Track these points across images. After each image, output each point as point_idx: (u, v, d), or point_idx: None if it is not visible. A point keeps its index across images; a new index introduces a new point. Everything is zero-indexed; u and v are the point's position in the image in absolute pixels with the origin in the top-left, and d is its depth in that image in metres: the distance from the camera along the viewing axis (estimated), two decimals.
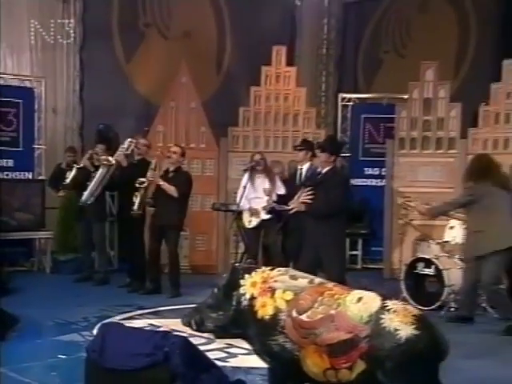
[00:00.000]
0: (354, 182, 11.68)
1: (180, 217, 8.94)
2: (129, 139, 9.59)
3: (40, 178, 10.68)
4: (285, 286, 4.07)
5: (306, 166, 8.81)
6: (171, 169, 8.91)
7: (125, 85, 12.25)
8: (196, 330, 4.47)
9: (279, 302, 4.01)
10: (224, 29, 13.39)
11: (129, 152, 9.45)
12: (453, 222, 8.64)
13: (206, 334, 5.39)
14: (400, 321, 3.55)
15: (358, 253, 11.63)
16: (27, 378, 5.69)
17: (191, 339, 4.95)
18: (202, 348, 5.56)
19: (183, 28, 12.86)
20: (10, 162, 10.61)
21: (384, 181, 11.03)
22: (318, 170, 7.33)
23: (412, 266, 8.54)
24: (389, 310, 3.64)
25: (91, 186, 9.38)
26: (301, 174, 9.05)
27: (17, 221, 10.34)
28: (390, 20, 13.83)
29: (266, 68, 10.96)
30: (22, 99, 10.76)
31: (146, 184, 8.77)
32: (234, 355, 6.53)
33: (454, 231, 8.59)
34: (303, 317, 3.83)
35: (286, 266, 8.53)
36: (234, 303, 4.20)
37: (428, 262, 8.36)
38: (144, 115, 11.79)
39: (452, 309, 8.04)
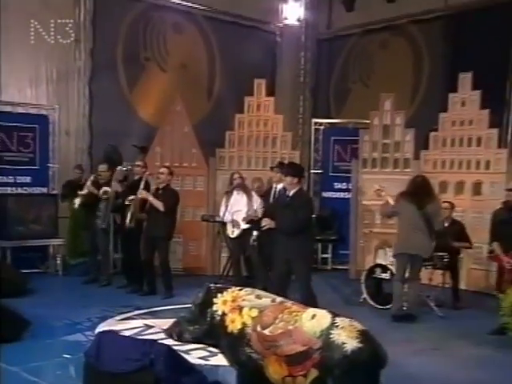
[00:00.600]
0: (325, 194, 11.99)
1: (168, 228, 8.79)
2: (123, 167, 9.52)
3: (53, 192, 10.54)
4: (251, 305, 4.08)
5: (280, 186, 8.47)
6: (160, 186, 8.80)
7: (128, 111, 12.12)
8: (176, 340, 4.43)
9: (246, 318, 4.02)
10: (214, 62, 13.27)
11: (122, 178, 9.37)
12: None
13: None
14: (346, 335, 3.62)
15: (329, 256, 11.55)
16: (36, 378, 5.60)
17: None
18: (187, 347, 5.68)
19: (179, 61, 12.75)
20: (28, 179, 10.52)
21: (350, 194, 10.94)
22: (287, 192, 7.19)
23: (371, 270, 8.52)
24: (337, 326, 3.70)
25: (101, 215, 9.32)
26: (275, 191, 8.94)
27: (33, 229, 10.15)
28: (356, 55, 13.76)
29: (249, 98, 10.92)
30: (39, 124, 10.65)
31: (133, 200, 8.70)
32: (215, 354, 6.12)
33: None
34: (266, 331, 3.85)
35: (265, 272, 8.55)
36: (208, 319, 4.19)
37: (384, 268, 8.33)
38: (145, 137, 11.65)
39: (404, 308, 7.87)
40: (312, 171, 12.00)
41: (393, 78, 12.77)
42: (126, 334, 6.90)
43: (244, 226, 8.77)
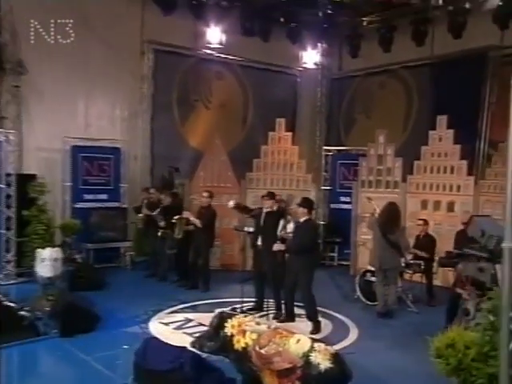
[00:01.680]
0: (333, 206, 11.91)
1: (208, 238, 8.78)
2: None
3: (124, 206, 10.72)
4: (252, 329, 4.20)
5: (266, 209, 7.58)
6: (203, 205, 8.89)
7: (180, 140, 12.16)
8: (198, 351, 4.55)
9: (248, 339, 4.15)
10: (248, 100, 13.24)
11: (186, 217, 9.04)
12: None
13: None
14: (321, 357, 3.76)
15: (335, 254, 11.52)
16: (101, 366, 5.54)
17: None
18: None
19: (220, 101, 12.72)
20: (105, 196, 10.68)
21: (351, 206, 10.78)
22: (299, 220, 7.06)
23: (363, 274, 8.43)
24: (315, 350, 3.82)
25: (177, 230, 9.12)
26: (263, 214, 7.63)
27: (109, 235, 10.40)
28: (360, 92, 13.61)
29: (272, 133, 10.94)
30: (113, 154, 10.78)
31: (180, 218, 8.90)
32: None
33: None
34: (262, 351, 3.99)
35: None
36: (220, 338, 4.35)
37: (373, 272, 8.14)
38: (194, 161, 11.58)
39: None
40: (323, 187, 11.89)
41: (389, 111, 12.68)
42: (172, 326, 7.03)
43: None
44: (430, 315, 7.58)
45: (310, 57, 13.24)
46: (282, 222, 7.54)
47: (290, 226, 7.54)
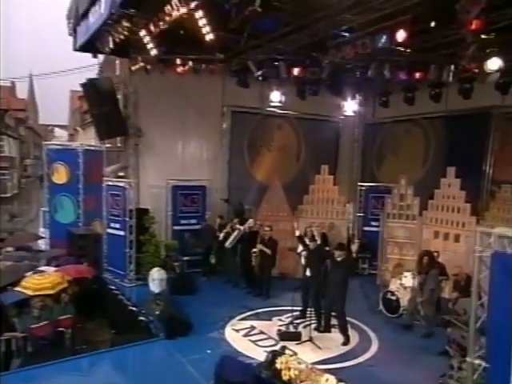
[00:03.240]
0: (365, 228, 11.81)
1: (272, 260, 9.17)
2: (251, 222, 9.78)
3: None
4: (294, 367, 4.55)
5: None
6: (266, 237, 9.19)
7: (249, 176, 12.50)
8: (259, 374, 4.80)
9: (292, 374, 4.52)
10: (300, 144, 13.33)
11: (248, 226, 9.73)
12: (405, 273, 8.55)
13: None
14: None
15: (366, 266, 11.43)
16: (193, 369, 5.73)
17: None
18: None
19: (279, 145, 12.96)
20: (195, 221, 11.03)
21: (379, 229, 10.67)
22: (337, 258, 7.14)
23: (385, 293, 8.48)
24: None
25: (231, 239, 9.75)
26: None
27: (198, 250, 10.58)
28: (390, 135, 13.32)
29: (318, 175, 11.13)
30: (201, 190, 11.12)
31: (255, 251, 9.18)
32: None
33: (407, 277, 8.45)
34: None
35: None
36: (273, 370, 4.68)
37: (392, 293, 8.33)
38: (259, 190, 11.74)
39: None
40: (357, 214, 11.98)
41: (411, 152, 12.51)
42: (241, 333, 7.12)
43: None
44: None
45: (350, 106, 13.19)
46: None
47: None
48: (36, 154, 53.96)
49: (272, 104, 11.59)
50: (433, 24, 6.69)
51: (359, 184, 12.28)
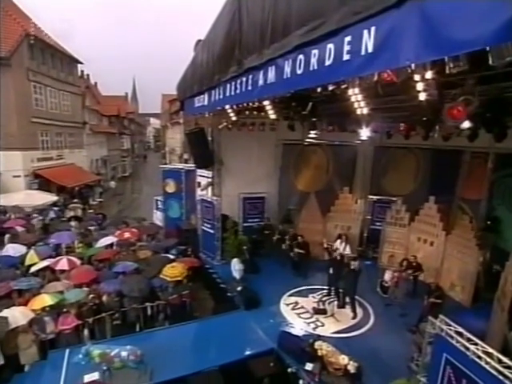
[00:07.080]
0: (372, 227, 11.89)
1: (306, 254, 9.56)
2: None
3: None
4: (325, 348, 5.34)
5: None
6: (300, 242, 9.63)
7: (294, 187, 12.58)
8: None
9: (324, 351, 5.30)
10: (329, 163, 13.27)
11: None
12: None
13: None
14: (352, 365, 4.86)
15: (370, 252, 11.46)
16: (265, 335, 6.10)
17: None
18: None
19: (314, 163, 12.79)
20: (257, 219, 11.67)
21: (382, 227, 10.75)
22: (352, 266, 7.41)
23: (381, 281, 8.92)
24: (350, 363, 4.86)
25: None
26: None
27: (259, 239, 10.83)
28: (392, 157, 12.80)
29: (341, 193, 11.64)
30: (261, 200, 11.73)
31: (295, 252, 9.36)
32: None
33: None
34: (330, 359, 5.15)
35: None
36: (313, 348, 5.34)
37: (386, 282, 8.78)
38: (300, 197, 11.95)
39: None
40: (367, 217, 12.14)
41: (407, 170, 12.31)
42: (289, 307, 7.53)
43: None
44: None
45: (364, 133, 13.30)
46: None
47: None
48: (140, 138, 56.53)
49: (309, 137, 11.94)
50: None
51: (369, 196, 12.60)
